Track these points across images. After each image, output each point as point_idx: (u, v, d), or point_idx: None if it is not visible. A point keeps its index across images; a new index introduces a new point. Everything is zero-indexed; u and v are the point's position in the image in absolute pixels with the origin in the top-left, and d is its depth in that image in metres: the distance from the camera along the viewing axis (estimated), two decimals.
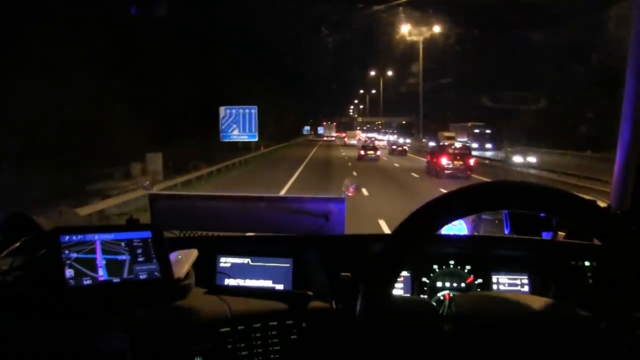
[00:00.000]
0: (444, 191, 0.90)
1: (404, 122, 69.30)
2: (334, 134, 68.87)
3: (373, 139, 51.56)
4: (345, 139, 57.57)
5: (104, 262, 1.34)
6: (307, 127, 79.46)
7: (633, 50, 1.52)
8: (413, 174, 20.38)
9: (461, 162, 19.46)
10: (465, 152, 20.99)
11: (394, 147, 37.39)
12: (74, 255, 1.32)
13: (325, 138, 65.22)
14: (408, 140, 49.88)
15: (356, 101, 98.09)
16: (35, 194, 8.95)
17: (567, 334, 0.81)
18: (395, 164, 25.68)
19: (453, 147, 21.77)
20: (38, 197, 8.96)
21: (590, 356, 0.79)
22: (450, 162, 19.42)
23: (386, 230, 7.83)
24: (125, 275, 1.35)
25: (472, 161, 20.20)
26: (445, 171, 19.17)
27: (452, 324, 0.88)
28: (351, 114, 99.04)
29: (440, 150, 21.34)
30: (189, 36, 23.19)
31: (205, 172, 17.81)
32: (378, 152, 30.10)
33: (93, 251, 1.34)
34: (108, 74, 16.10)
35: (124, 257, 1.36)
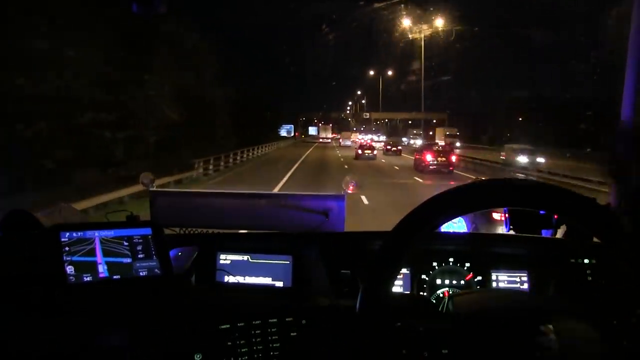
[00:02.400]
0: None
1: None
2: (330, 136, 67.49)
3: (370, 140, 50.87)
4: (341, 141, 56.89)
5: (104, 259, 1.34)
6: (288, 126, 56.80)
7: (632, 50, 1.53)
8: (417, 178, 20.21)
9: (444, 159, 21.61)
10: (448, 149, 23.53)
11: (389, 147, 38.30)
12: (74, 252, 1.32)
13: (320, 140, 63.77)
14: None
15: (359, 92, 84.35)
16: None
17: (567, 332, 0.81)
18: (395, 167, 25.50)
19: (437, 145, 24.53)
20: None
21: (589, 354, 0.79)
22: (434, 159, 21.53)
23: None
24: (125, 272, 1.35)
25: (454, 158, 22.42)
26: (430, 167, 21.28)
27: (450, 320, 0.89)
28: (349, 111, 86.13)
29: (426, 148, 23.90)
30: None
31: None
32: (375, 152, 31.91)
33: (93, 248, 1.34)
34: None
35: (124, 254, 1.36)
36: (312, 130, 76.05)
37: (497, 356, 0.80)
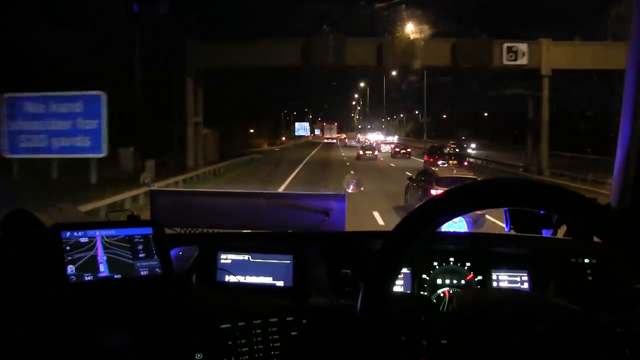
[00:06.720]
0: None
1: None
2: (335, 135, 65.99)
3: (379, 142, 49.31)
4: (346, 141, 55.96)
5: (105, 258, 1.34)
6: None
7: (633, 50, 1.53)
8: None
9: (455, 162, 22.18)
10: (459, 152, 24.89)
11: (397, 149, 36.69)
12: (75, 251, 1.32)
13: (325, 140, 62.48)
14: None
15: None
16: None
17: (566, 331, 0.81)
18: None
19: (448, 148, 25.36)
20: None
21: (588, 353, 0.79)
22: (445, 161, 22.09)
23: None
24: (126, 272, 1.35)
25: (465, 162, 23.18)
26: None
27: (451, 320, 0.89)
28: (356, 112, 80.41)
29: (437, 150, 24.68)
30: None
31: None
32: (375, 153, 32.26)
33: (94, 247, 1.34)
34: None
35: (125, 254, 1.36)
36: (301, 130, 64.11)
37: (496, 351, 0.80)
